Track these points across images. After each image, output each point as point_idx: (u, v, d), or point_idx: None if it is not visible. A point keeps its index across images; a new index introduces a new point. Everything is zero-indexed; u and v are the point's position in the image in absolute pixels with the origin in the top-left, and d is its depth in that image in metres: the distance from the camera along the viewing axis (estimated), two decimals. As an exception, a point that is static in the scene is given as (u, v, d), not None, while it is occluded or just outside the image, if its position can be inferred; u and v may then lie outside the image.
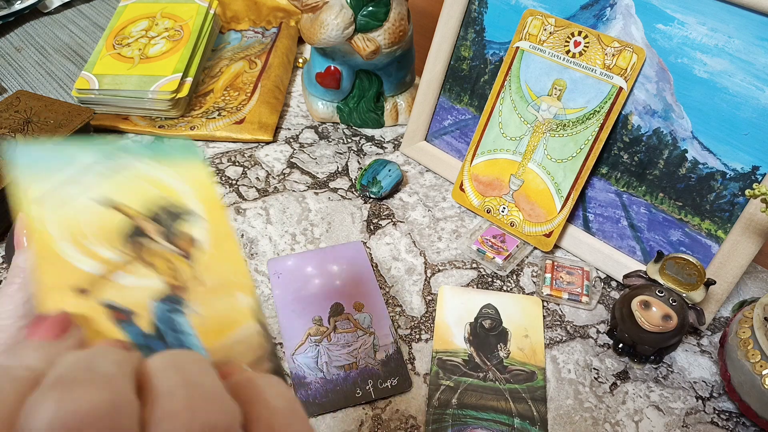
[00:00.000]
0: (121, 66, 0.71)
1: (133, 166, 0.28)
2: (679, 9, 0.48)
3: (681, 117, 0.50)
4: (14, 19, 0.90)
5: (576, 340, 0.51)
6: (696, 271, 0.46)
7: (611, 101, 0.52)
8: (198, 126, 0.70)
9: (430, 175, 0.67)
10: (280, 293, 0.53)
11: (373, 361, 0.49)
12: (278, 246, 0.58)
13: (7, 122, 0.63)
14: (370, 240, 0.59)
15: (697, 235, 0.52)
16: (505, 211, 0.60)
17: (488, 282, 0.56)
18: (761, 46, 0.46)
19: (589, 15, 0.54)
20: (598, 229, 0.58)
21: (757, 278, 0.57)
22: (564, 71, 0.54)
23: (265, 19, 0.87)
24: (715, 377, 0.49)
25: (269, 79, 0.76)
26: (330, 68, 0.67)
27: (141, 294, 0.25)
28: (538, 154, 0.57)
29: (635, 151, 0.53)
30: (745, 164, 0.48)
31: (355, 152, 0.70)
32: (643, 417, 0.46)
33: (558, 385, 0.48)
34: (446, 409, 0.46)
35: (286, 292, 0.53)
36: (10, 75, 0.80)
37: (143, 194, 0.27)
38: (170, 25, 0.77)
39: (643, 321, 0.46)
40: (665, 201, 0.53)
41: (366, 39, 0.62)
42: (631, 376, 0.49)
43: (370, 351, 0.49)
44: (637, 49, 0.50)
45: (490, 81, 0.62)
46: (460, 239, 0.60)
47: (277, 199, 0.63)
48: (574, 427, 0.45)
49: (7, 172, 0.25)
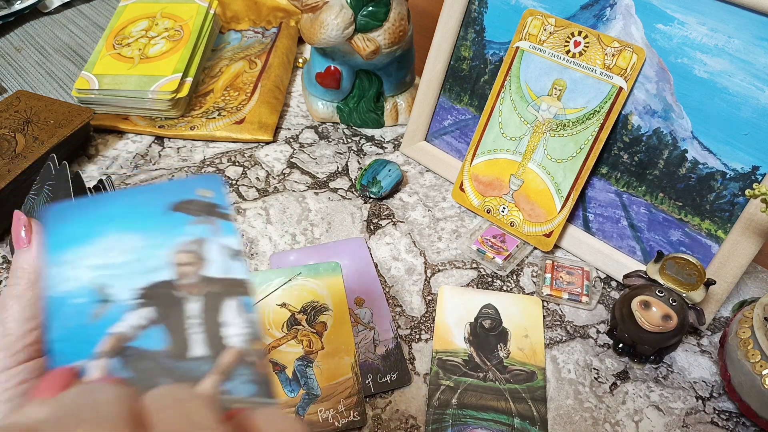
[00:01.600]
0: (121, 66, 0.71)
1: (298, 282, 0.52)
2: (679, 9, 0.48)
3: (681, 117, 0.50)
4: (14, 19, 0.90)
5: (576, 340, 0.51)
6: (696, 271, 0.46)
7: (611, 101, 0.52)
8: (198, 126, 0.70)
9: (430, 175, 0.67)
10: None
11: (373, 355, 0.49)
12: (278, 246, 0.58)
13: (7, 122, 0.63)
14: (370, 240, 0.59)
15: (697, 235, 0.52)
16: (505, 211, 0.60)
17: (488, 282, 0.56)
18: (761, 46, 0.46)
19: (589, 15, 0.54)
20: (598, 229, 0.58)
21: (757, 278, 0.57)
22: (564, 71, 0.54)
23: (265, 19, 0.87)
24: (715, 377, 0.49)
25: (269, 79, 0.76)
26: (330, 68, 0.67)
27: (291, 356, 0.48)
28: (538, 154, 0.57)
29: (635, 151, 0.53)
30: (745, 164, 0.48)
31: (355, 152, 0.70)
32: (643, 417, 0.46)
33: (558, 385, 0.48)
34: (446, 409, 0.46)
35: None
36: (10, 75, 0.80)
37: (301, 298, 0.52)
38: (170, 25, 0.77)
39: (643, 321, 0.46)
40: (665, 201, 0.53)
41: (366, 39, 0.62)
42: (631, 376, 0.49)
43: (370, 346, 0.50)
44: (637, 49, 0.50)
45: (490, 81, 0.62)
46: (460, 239, 0.60)
47: (277, 199, 0.63)
48: (574, 427, 0.45)
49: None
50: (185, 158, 0.68)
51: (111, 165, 0.67)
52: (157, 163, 0.67)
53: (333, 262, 0.55)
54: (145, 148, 0.69)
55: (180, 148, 0.69)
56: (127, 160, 0.67)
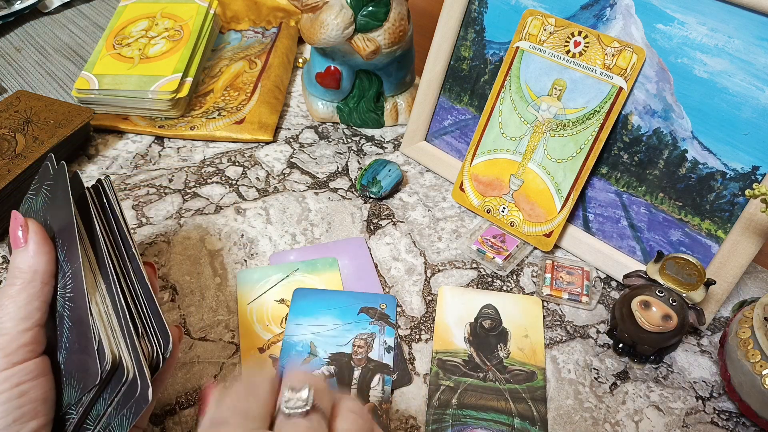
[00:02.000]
0: (121, 66, 0.71)
1: (296, 278, 0.54)
2: (679, 9, 0.48)
3: (681, 117, 0.50)
4: (14, 19, 0.90)
5: (576, 340, 0.51)
6: (696, 271, 0.46)
7: (611, 101, 0.52)
8: (198, 126, 0.70)
9: (430, 175, 0.67)
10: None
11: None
12: (278, 246, 0.58)
13: (7, 122, 0.63)
14: (370, 240, 0.59)
15: (697, 235, 0.52)
16: (505, 211, 0.60)
17: (488, 282, 0.56)
18: (761, 46, 0.46)
19: (589, 15, 0.54)
20: (598, 229, 0.58)
21: (757, 278, 0.57)
22: (564, 71, 0.54)
23: (265, 19, 0.87)
24: (715, 377, 0.49)
25: (269, 79, 0.76)
26: (330, 68, 0.67)
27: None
28: (538, 154, 0.57)
29: (635, 151, 0.53)
30: (745, 164, 0.48)
31: (355, 152, 0.70)
32: (643, 417, 0.46)
33: (558, 385, 0.48)
34: (446, 409, 0.46)
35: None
36: (10, 75, 0.80)
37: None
38: (170, 25, 0.77)
39: (643, 321, 0.46)
40: (665, 201, 0.53)
41: (366, 39, 0.62)
42: (631, 376, 0.49)
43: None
44: (637, 49, 0.50)
45: (490, 81, 0.62)
46: (460, 239, 0.60)
47: (277, 199, 0.63)
48: (574, 427, 0.45)
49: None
50: (185, 158, 0.68)
51: (111, 165, 0.67)
52: (156, 163, 0.67)
53: (330, 258, 0.55)
54: (145, 148, 0.69)
55: (180, 148, 0.69)
56: (127, 160, 0.67)
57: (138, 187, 0.64)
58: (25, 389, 0.32)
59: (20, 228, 0.36)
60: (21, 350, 0.33)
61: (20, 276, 0.34)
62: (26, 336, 0.33)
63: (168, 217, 0.60)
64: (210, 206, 0.62)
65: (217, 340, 0.49)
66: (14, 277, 0.34)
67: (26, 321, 0.34)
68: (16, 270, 0.35)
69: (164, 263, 0.56)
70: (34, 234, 0.35)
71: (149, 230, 0.59)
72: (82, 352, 0.33)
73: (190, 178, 0.65)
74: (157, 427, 0.44)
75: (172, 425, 0.44)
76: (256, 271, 0.54)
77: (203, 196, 0.63)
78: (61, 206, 0.36)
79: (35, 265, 0.35)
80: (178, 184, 0.64)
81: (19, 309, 0.34)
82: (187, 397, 0.46)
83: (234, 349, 0.49)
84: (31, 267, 0.35)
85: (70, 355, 0.34)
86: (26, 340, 0.33)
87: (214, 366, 0.48)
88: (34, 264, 0.35)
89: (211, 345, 0.49)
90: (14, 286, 0.34)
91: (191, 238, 0.58)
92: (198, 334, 0.50)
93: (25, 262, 0.35)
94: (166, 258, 0.56)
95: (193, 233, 0.59)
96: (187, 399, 0.46)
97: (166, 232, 0.59)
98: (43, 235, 0.35)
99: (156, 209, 0.61)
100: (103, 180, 0.41)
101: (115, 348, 0.33)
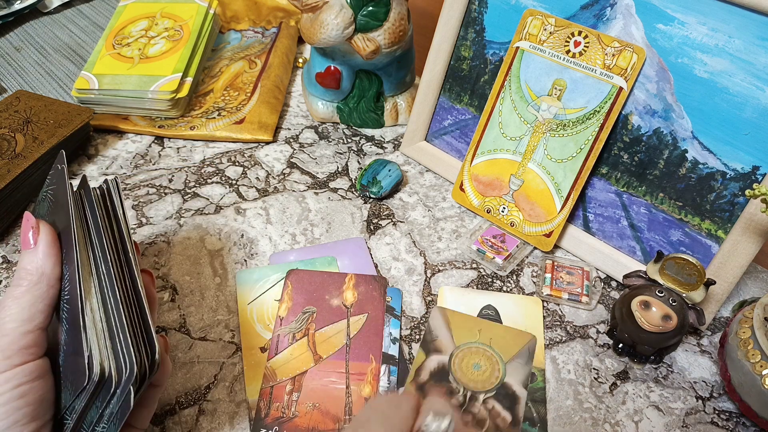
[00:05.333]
0: (121, 66, 0.71)
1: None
2: (680, 9, 0.48)
3: (681, 117, 0.50)
4: (14, 19, 0.90)
5: (576, 341, 0.51)
6: (696, 271, 0.46)
7: (611, 101, 0.52)
8: (198, 126, 0.70)
9: (430, 175, 0.67)
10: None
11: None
12: (278, 246, 0.58)
13: (7, 122, 0.63)
14: (370, 240, 0.59)
15: (697, 235, 0.52)
16: (505, 211, 0.60)
17: (488, 282, 0.56)
18: (761, 46, 0.46)
19: (589, 15, 0.54)
20: (598, 229, 0.58)
21: (757, 278, 0.57)
22: (564, 71, 0.54)
23: (265, 19, 0.87)
24: (715, 377, 0.49)
25: (269, 79, 0.76)
26: (330, 68, 0.67)
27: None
28: (538, 154, 0.57)
29: (635, 151, 0.53)
30: (745, 164, 0.48)
31: (355, 152, 0.70)
32: (643, 417, 0.46)
33: (558, 386, 0.48)
34: (446, 410, 0.46)
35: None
36: (10, 75, 0.80)
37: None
38: (170, 24, 0.77)
39: (643, 321, 0.46)
40: (665, 201, 0.53)
41: (366, 39, 0.62)
42: (631, 376, 0.49)
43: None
44: (637, 49, 0.50)
45: (490, 81, 0.62)
46: (460, 239, 0.60)
47: (277, 199, 0.63)
48: (573, 427, 0.45)
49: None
50: (185, 158, 0.68)
51: (111, 165, 0.66)
52: (156, 163, 0.67)
53: (329, 257, 0.55)
54: (144, 148, 0.69)
55: (180, 148, 0.69)
56: (127, 160, 0.67)
57: (138, 187, 0.64)
58: (25, 391, 0.32)
59: (32, 229, 0.36)
60: (22, 352, 0.33)
61: (27, 277, 0.34)
62: (28, 338, 0.33)
63: (168, 217, 0.60)
64: (210, 206, 0.62)
65: (217, 340, 0.49)
66: (21, 278, 0.34)
67: (29, 323, 0.33)
68: (23, 271, 0.34)
69: (164, 263, 0.56)
70: (45, 236, 0.35)
71: (149, 230, 0.59)
72: (76, 354, 0.33)
73: (190, 178, 0.65)
74: (157, 426, 0.44)
75: (171, 425, 0.44)
76: (256, 271, 0.54)
77: (203, 196, 0.63)
78: (62, 208, 0.36)
79: (43, 267, 0.34)
80: (178, 184, 0.64)
81: (23, 310, 0.33)
82: (187, 397, 0.46)
83: (234, 349, 0.49)
84: (38, 269, 0.35)
85: (67, 356, 0.34)
86: (27, 342, 0.33)
87: (214, 366, 0.48)
88: (41, 266, 0.35)
89: (211, 345, 0.49)
90: (20, 287, 0.34)
91: (191, 238, 0.58)
92: (198, 334, 0.50)
93: (32, 264, 0.35)
94: (166, 258, 0.56)
95: (193, 233, 0.59)
96: (187, 399, 0.46)
97: (166, 232, 0.59)
98: (53, 238, 0.35)
99: (156, 209, 0.61)
100: (110, 182, 0.41)
101: (105, 359, 0.33)
